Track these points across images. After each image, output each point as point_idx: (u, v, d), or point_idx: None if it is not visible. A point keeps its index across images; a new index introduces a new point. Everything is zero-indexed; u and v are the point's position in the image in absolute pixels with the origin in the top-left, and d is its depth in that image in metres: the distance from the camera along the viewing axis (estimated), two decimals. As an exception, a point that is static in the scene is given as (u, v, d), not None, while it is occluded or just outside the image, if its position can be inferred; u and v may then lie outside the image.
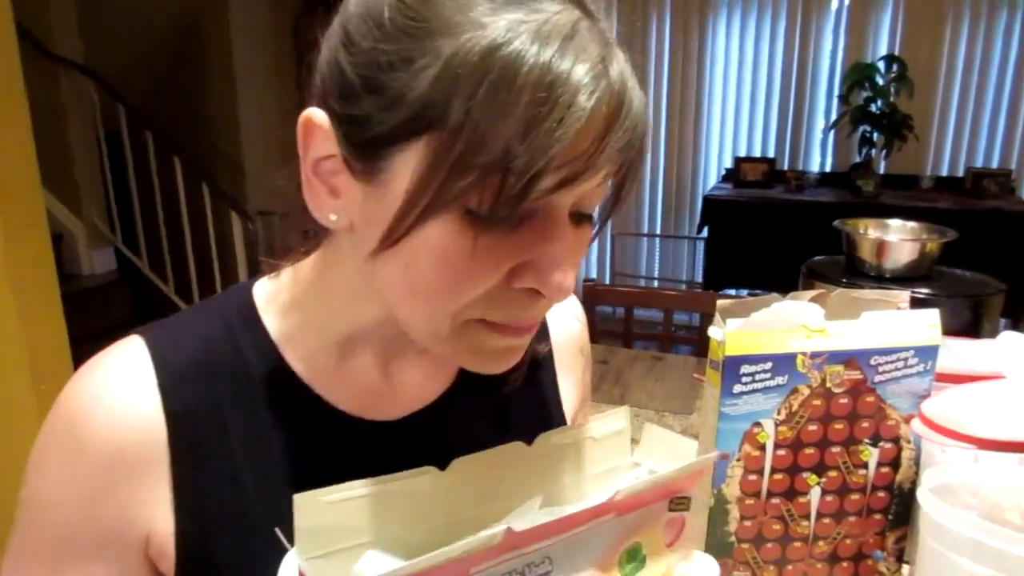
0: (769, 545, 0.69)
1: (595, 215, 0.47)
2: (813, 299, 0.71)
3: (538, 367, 0.65)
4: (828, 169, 3.99)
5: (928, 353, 0.66)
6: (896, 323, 0.66)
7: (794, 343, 0.64)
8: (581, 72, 0.36)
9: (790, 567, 0.70)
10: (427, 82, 0.37)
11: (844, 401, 0.66)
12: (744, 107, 4.12)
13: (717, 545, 0.69)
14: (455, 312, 0.42)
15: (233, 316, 0.52)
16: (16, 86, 1.72)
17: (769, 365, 0.64)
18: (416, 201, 0.39)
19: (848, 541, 0.70)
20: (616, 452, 0.50)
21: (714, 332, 0.65)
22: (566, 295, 0.42)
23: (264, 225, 3.12)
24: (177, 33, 3.76)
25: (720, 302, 0.67)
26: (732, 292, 3.46)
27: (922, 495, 0.52)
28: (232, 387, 0.50)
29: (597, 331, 1.81)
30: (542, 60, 0.36)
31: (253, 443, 0.50)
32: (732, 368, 0.64)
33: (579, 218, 0.44)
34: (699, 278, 4.12)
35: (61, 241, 3.39)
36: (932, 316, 0.66)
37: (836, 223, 1.34)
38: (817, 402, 0.65)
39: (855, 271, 1.34)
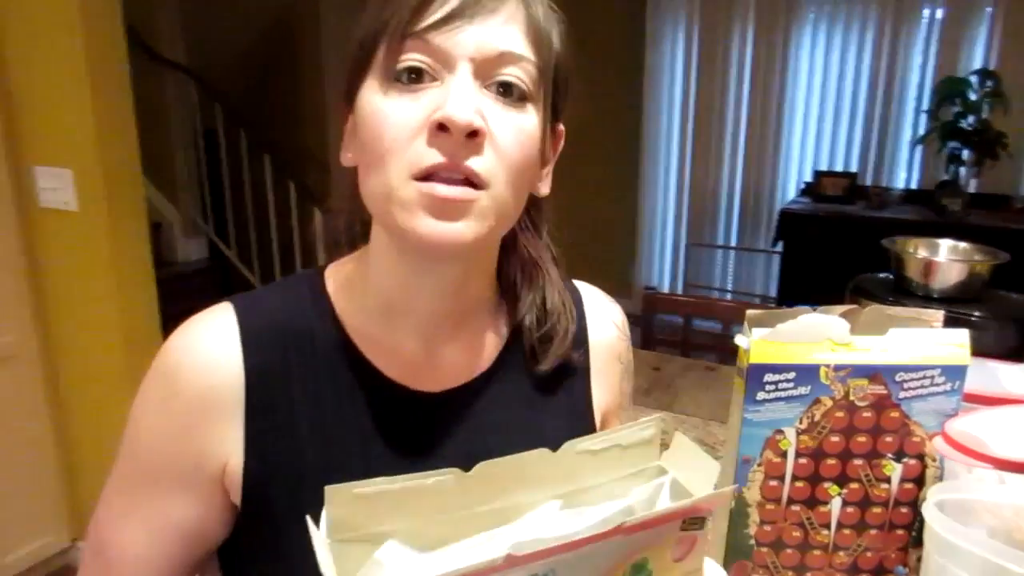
0: (789, 551, 0.71)
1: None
2: (846, 314, 0.72)
3: (572, 363, 0.69)
4: (913, 186, 3.85)
5: (955, 373, 0.66)
6: (924, 341, 0.67)
7: (818, 355, 0.66)
8: None
9: (809, 575, 0.71)
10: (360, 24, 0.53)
11: (868, 415, 0.67)
12: (827, 120, 4.01)
13: (736, 547, 0.72)
14: (401, 169, 0.50)
15: (306, 292, 0.61)
16: (124, 86, 1.87)
17: (792, 375, 0.66)
18: (349, 84, 0.55)
19: (869, 554, 0.70)
20: (642, 459, 0.51)
21: (740, 340, 0.67)
22: (460, 125, 0.48)
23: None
24: (272, 37, 3.96)
25: (750, 312, 0.70)
26: (807, 308, 3.37)
27: (927, 510, 0.53)
28: (299, 351, 0.58)
29: (655, 339, 1.82)
30: None
31: (312, 400, 0.57)
32: (756, 376, 0.66)
33: (496, 95, 0.52)
34: (773, 292, 4.05)
35: (159, 229, 3.63)
36: (961, 336, 0.66)
37: (884, 241, 1.32)
38: (840, 414, 0.67)
39: (903, 290, 1.32)
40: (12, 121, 1.89)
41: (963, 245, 1.32)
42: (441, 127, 0.48)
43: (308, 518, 0.38)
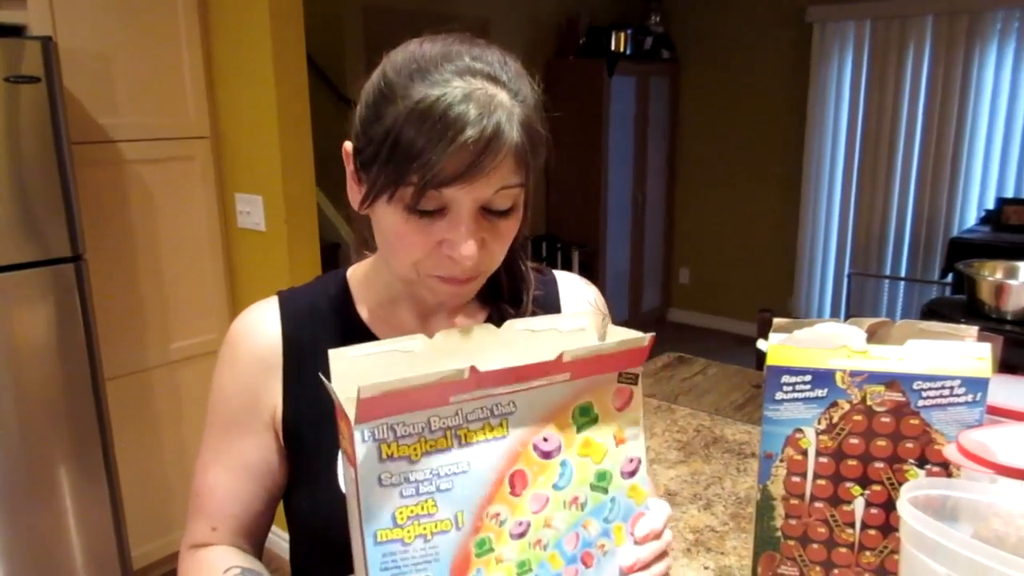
0: (815, 546, 0.76)
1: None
2: (876, 326, 0.77)
3: None
4: (1122, 216, 3.43)
5: (977, 385, 0.68)
6: (943, 353, 0.70)
7: (834, 361, 0.71)
8: (472, 115, 0.57)
9: (837, 571, 0.75)
10: (383, 129, 0.61)
11: (887, 420, 0.71)
12: (1014, 144, 3.69)
13: (764, 538, 0.78)
14: (414, 266, 0.65)
15: (332, 284, 0.78)
16: (305, 128, 2.18)
17: (809, 378, 0.72)
18: (371, 190, 0.63)
19: (896, 557, 0.73)
20: (577, 343, 0.58)
21: (761, 344, 0.74)
22: (466, 260, 0.61)
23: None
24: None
25: (777, 320, 0.76)
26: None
27: (901, 505, 0.57)
28: (324, 327, 0.75)
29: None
30: (442, 106, 0.57)
31: None
32: (774, 377, 0.73)
33: (491, 214, 0.62)
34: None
35: (339, 249, 4.08)
36: (982, 350, 0.69)
37: (958, 264, 1.27)
38: (858, 417, 0.71)
39: (975, 313, 1.26)
40: (222, 156, 2.28)
41: (1042, 269, 1.25)
42: (450, 256, 0.62)
43: (321, 375, 0.54)
